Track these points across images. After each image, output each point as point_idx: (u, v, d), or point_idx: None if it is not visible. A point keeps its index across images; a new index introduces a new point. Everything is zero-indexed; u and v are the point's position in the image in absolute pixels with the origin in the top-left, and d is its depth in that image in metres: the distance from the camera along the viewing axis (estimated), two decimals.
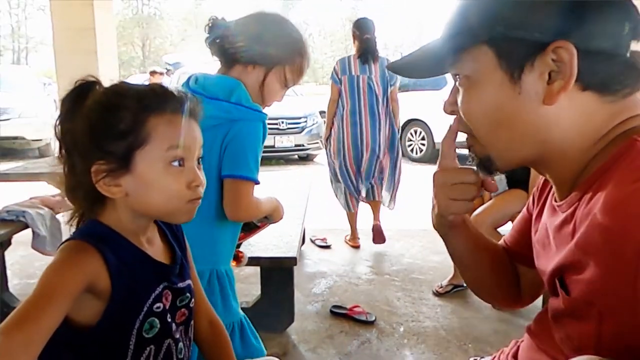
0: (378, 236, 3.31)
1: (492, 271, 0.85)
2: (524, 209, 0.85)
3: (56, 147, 0.79)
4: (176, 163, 0.76)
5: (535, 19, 0.57)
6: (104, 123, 0.74)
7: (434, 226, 0.81)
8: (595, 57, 0.57)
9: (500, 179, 2.46)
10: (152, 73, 7.94)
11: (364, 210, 3.53)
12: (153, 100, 0.76)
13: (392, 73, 2.96)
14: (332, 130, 3.24)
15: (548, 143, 0.61)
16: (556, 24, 0.56)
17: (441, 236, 0.82)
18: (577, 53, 0.56)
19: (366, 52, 3.08)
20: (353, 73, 3.11)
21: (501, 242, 0.90)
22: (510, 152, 0.65)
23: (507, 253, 0.87)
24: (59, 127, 0.77)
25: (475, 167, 0.70)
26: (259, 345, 1.30)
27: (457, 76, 0.66)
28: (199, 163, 0.80)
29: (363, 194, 3.31)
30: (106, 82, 0.79)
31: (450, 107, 0.70)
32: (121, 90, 0.77)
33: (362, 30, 3.11)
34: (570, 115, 0.59)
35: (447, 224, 0.78)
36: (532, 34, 0.57)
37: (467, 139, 0.70)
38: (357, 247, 3.39)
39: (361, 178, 3.23)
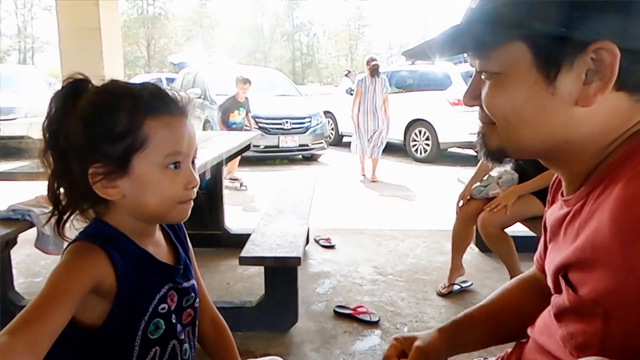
0: (373, 180, 6.01)
1: (517, 316, 0.83)
2: (541, 250, 0.82)
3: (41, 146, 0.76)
4: (172, 166, 0.76)
5: (578, 16, 0.53)
6: (99, 125, 0.73)
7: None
8: (633, 57, 0.54)
9: (512, 179, 2.45)
10: (244, 81, 5.94)
11: (366, 211, 3.53)
12: (149, 101, 0.75)
13: (386, 84, 5.86)
14: (354, 114, 5.99)
15: (571, 142, 0.60)
16: (600, 23, 0.53)
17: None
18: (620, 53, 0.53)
19: (373, 72, 5.78)
20: (367, 84, 5.82)
21: (535, 262, 0.86)
22: (530, 148, 0.62)
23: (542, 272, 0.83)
24: (47, 127, 0.75)
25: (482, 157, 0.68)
26: None
27: (483, 72, 0.63)
28: (193, 162, 0.80)
29: (368, 151, 5.95)
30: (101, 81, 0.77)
31: (472, 101, 0.66)
32: (115, 90, 0.76)
33: (372, 61, 5.88)
34: (600, 116, 0.57)
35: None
36: (573, 33, 0.54)
37: (481, 127, 0.67)
38: (364, 175, 6.16)
39: (368, 142, 5.92)
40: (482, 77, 0.63)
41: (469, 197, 2.57)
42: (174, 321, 0.81)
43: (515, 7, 0.57)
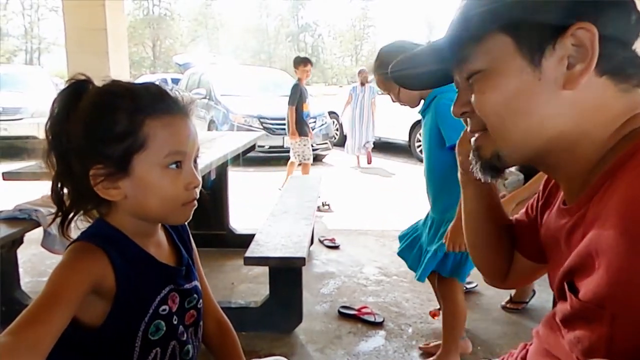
0: (368, 159, 7.38)
1: (497, 237, 0.86)
2: (523, 211, 0.85)
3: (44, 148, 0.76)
4: (174, 165, 0.75)
5: (555, 1, 0.57)
6: (99, 125, 0.73)
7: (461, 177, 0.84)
8: (611, 42, 0.57)
9: (518, 180, 2.43)
10: (305, 62, 5.03)
11: (370, 212, 3.54)
12: (148, 101, 0.74)
13: (374, 91, 7.28)
14: (347, 116, 7.46)
15: (564, 133, 0.60)
16: (575, 6, 0.56)
17: (464, 185, 0.85)
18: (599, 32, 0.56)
19: (363, 82, 7.11)
20: (357, 92, 7.16)
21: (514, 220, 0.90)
22: (525, 144, 0.62)
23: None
24: (50, 128, 0.75)
25: (478, 172, 0.69)
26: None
27: (469, 78, 0.64)
28: (195, 162, 0.79)
29: (358, 147, 7.23)
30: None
31: (462, 108, 0.67)
32: (115, 90, 0.76)
33: (362, 72, 7.22)
34: (588, 103, 0.59)
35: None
36: (551, 17, 0.57)
37: (475, 140, 0.68)
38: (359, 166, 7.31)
39: (360, 140, 7.21)
40: (469, 82, 0.64)
41: None
42: (175, 322, 0.81)
43: (493, 4, 0.59)
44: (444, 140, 1.67)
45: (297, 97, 4.88)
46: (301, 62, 4.97)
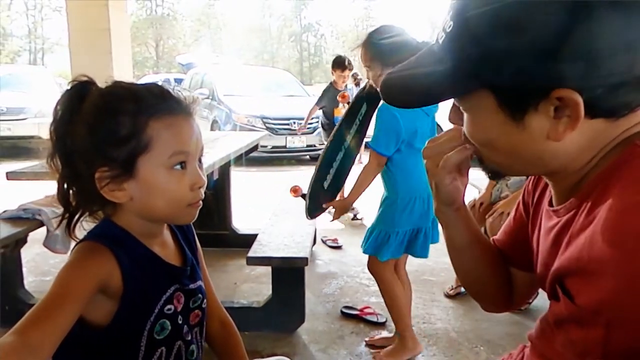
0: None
1: (489, 267, 0.83)
2: (513, 211, 0.83)
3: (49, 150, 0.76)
4: (178, 166, 0.75)
5: (537, 66, 0.53)
6: (104, 129, 0.73)
7: (436, 214, 0.80)
8: (605, 91, 0.53)
9: (520, 180, 2.42)
10: (341, 65, 4.57)
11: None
12: (151, 102, 0.74)
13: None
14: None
15: (552, 166, 0.61)
16: (559, 71, 0.52)
17: (443, 224, 0.81)
18: (582, 97, 0.53)
19: (358, 85, 5.84)
20: (353, 93, 6.14)
21: (494, 241, 0.88)
22: (513, 171, 0.67)
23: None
24: (54, 130, 0.75)
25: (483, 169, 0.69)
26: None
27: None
28: (200, 162, 0.79)
29: None
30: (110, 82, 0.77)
31: (458, 121, 0.68)
32: (118, 93, 0.76)
33: (357, 76, 6.06)
34: (577, 141, 0.57)
35: (448, 201, 0.75)
36: (534, 82, 0.54)
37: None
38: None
39: None
40: (461, 108, 0.65)
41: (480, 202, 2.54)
42: (180, 322, 0.81)
43: (477, 58, 0.56)
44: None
45: (325, 99, 4.64)
46: (338, 67, 4.48)
